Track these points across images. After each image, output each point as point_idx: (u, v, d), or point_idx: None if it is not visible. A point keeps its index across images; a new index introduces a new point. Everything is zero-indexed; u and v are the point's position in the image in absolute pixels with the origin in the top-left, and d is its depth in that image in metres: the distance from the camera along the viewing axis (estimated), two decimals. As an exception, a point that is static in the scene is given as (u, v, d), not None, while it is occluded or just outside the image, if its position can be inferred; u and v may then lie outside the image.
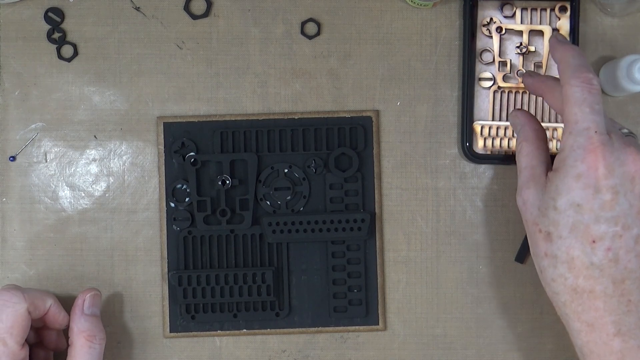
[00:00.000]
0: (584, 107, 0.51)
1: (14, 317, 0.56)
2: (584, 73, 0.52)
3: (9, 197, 0.65)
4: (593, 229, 0.51)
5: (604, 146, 0.51)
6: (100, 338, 0.59)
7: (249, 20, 0.65)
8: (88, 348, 0.58)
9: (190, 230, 0.64)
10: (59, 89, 0.65)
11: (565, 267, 0.52)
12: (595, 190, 0.50)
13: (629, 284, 0.51)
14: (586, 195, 0.50)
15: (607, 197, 0.50)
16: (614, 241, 0.51)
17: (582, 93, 0.51)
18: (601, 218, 0.50)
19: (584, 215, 0.51)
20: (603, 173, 0.50)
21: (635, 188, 0.51)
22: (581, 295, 0.51)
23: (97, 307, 0.61)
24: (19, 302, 0.56)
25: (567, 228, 0.51)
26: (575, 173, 0.51)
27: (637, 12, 0.65)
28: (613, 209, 0.50)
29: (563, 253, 0.51)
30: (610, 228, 0.50)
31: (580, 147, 0.51)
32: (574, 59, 0.53)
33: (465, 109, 0.63)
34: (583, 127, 0.51)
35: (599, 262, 0.51)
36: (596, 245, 0.51)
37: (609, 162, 0.50)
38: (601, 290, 0.51)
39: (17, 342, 0.56)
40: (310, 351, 0.65)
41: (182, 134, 0.64)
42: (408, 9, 0.65)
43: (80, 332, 0.58)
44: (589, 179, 0.51)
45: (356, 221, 0.63)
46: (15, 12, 0.65)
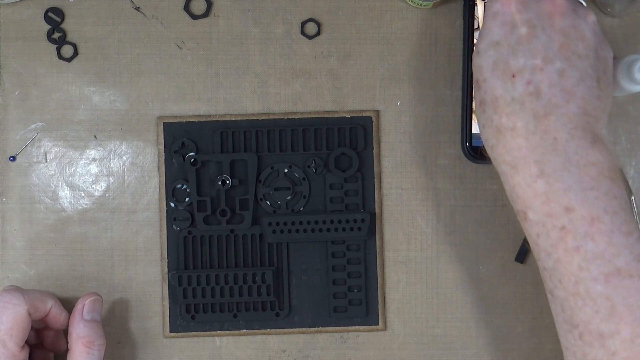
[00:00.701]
0: None
1: (14, 319, 0.56)
2: None
3: (9, 197, 0.65)
4: (512, 63, 0.50)
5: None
6: (99, 344, 0.58)
7: (249, 20, 0.65)
8: (86, 354, 0.58)
9: (190, 230, 0.64)
10: (59, 89, 0.65)
11: (491, 108, 0.51)
12: (511, 26, 0.51)
13: (553, 120, 0.49)
14: (503, 32, 0.51)
15: (523, 31, 0.50)
16: (534, 74, 0.50)
17: None
18: (519, 51, 0.50)
19: (502, 51, 0.51)
20: (517, 7, 0.51)
21: (555, 23, 0.51)
22: (504, 135, 0.50)
23: (98, 312, 0.60)
24: (19, 303, 0.56)
25: (489, 68, 0.51)
26: (492, 13, 0.51)
27: (637, 12, 0.65)
28: (530, 42, 0.50)
29: (488, 95, 0.51)
30: (529, 61, 0.50)
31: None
32: None
33: (465, 109, 0.63)
34: None
35: (519, 96, 0.50)
36: (516, 79, 0.50)
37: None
38: (522, 126, 0.50)
39: (17, 343, 0.56)
40: (310, 351, 0.65)
41: (182, 134, 0.64)
42: (408, 9, 0.65)
43: (79, 337, 0.58)
44: (505, 15, 0.51)
45: (356, 221, 0.63)
46: (15, 12, 0.65)
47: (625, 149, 0.65)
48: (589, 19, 0.52)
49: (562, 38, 0.51)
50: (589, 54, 0.51)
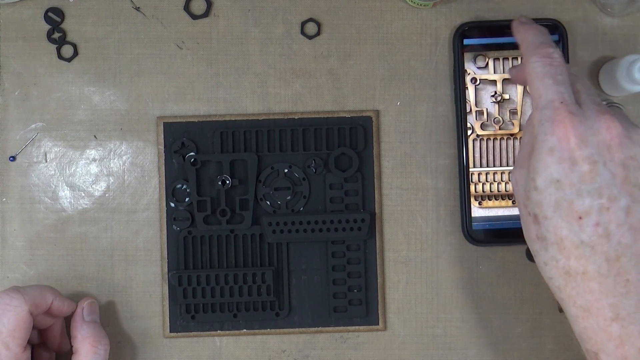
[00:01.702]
0: (546, 80, 0.50)
1: (16, 321, 0.56)
2: (543, 49, 0.51)
3: (9, 197, 0.65)
4: (577, 204, 0.47)
5: (572, 115, 0.48)
6: (104, 343, 0.59)
7: (249, 20, 0.65)
8: (93, 354, 0.58)
9: (190, 230, 0.64)
10: (59, 89, 0.65)
11: (555, 248, 0.49)
12: (571, 162, 0.48)
13: (625, 262, 0.47)
14: (563, 169, 0.48)
15: (585, 168, 0.48)
16: (601, 215, 0.47)
17: (542, 67, 0.50)
18: (583, 191, 0.47)
19: (565, 191, 0.48)
20: (576, 143, 0.48)
21: (614, 157, 0.48)
22: (574, 278, 0.48)
23: (96, 314, 0.61)
24: (20, 305, 0.56)
25: (550, 207, 0.48)
26: (547, 147, 0.48)
27: (637, 12, 0.65)
28: (594, 180, 0.47)
29: (551, 234, 0.48)
30: (595, 201, 0.47)
31: (548, 119, 0.48)
32: (534, 37, 0.52)
33: (464, 194, 0.63)
34: (547, 99, 0.49)
35: (588, 239, 0.47)
36: (583, 221, 0.47)
37: (579, 131, 0.48)
38: (594, 270, 0.48)
39: (20, 344, 0.56)
40: (310, 351, 0.65)
41: (182, 134, 0.64)
42: (408, 9, 0.65)
43: (84, 338, 0.58)
44: (563, 151, 0.48)
45: (356, 221, 0.63)
46: (15, 12, 0.65)
47: (625, 149, 0.65)
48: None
49: (623, 171, 0.48)
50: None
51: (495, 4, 0.65)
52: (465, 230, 0.63)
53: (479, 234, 0.63)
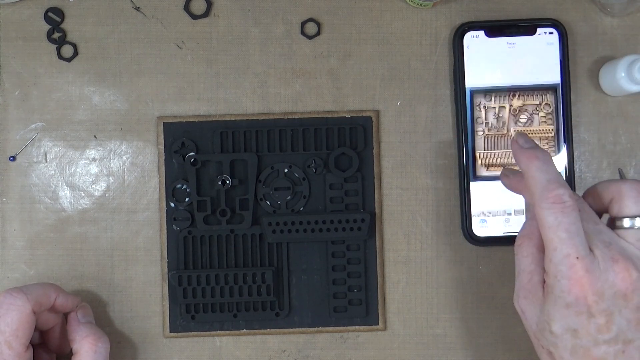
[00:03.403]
0: (560, 232, 0.48)
1: (19, 320, 0.56)
2: (553, 191, 0.49)
3: (9, 197, 0.65)
4: (594, 351, 0.49)
5: (589, 273, 0.48)
6: (104, 341, 0.59)
7: (249, 20, 0.65)
8: (93, 353, 0.58)
9: (190, 230, 0.64)
10: (59, 89, 0.65)
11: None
12: (588, 315, 0.48)
13: None
14: (580, 322, 0.48)
15: (602, 321, 0.48)
16: (617, 358, 0.49)
17: (554, 216, 0.48)
18: (600, 340, 0.48)
19: (582, 340, 0.49)
20: (593, 300, 0.48)
21: (629, 304, 0.49)
22: None
23: (90, 316, 0.61)
24: (23, 304, 0.56)
25: (567, 351, 0.49)
26: (564, 303, 0.49)
27: (637, 12, 0.65)
28: (610, 330, 0.48)
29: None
30: (611, 347, 0.49)
31: (564, 277, 0.48)
32: (540, 173, 0.50)
33: (464, 195, 0.63)
34: (562, 254, 0.48)
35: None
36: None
37: (596, 288, 0.48)
38: None
39: (23, 344, 0.56)
40: (310, 351, 0.65)
41: (182, 134, 0.64)
42: (408, 9, 0.65)
43: (83, 338, 0.58)
44: (580, 307, 0.48)
45: (356, 221, 0.63)
46: (15, 12, 0.65)
47: (625, 149, 0.65)
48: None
49: (636, 315, 0.48)
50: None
51: (495, 4, 0.65)
52: (465, 230, 0.63)
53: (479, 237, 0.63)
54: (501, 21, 0.64)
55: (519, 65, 0.64)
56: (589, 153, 0.65)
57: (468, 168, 0.63)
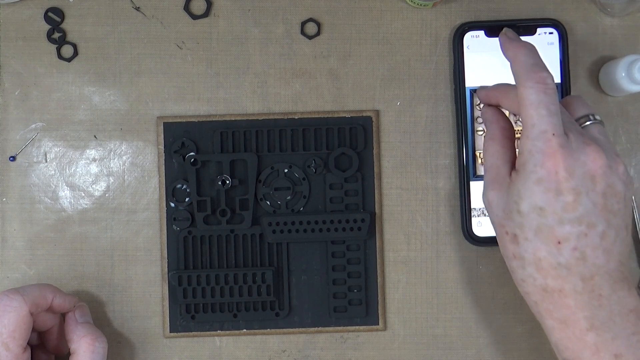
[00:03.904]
0: (540, 110, 0.51)
1: (16, 322, 0.56)
2: (537, 72, 0.51)
3: (9, 197, 0.65)
4: (557, 230, 0.50)
5: (563, 149, 0.50)
6: (102, 341, 0.59)
7: (249, 20, 0.65)
8: (91, 353, 0.58)
9: (190, 230, 0.64)
10: (59, 89, 0.65)
11: (533, 267, 0.51)
12: (556, 193, 0.50)
13: (598, 280, 0.51)
14: (548, 199, 0.50)
15: (570, 199, 0.50)
16: (579, 240, 0.50)
17: (537, 94, 0.51)
18: (565, 219, 0.50)
19: (548, 218, 0.50)
20: (563, 176, 0.50)
21: (597, 187, 0.51)
22: (551, 295, 0.51)
23: (88, 316, 0.61)
24: (20, 305, 0.56)
25: (532, 231, 0.51)
26: (535, 178, 0.50)
27: (637, 12, 0.65)
28: (576, 210, 0.50)
29: (530, 255, 0.51)
30: (575, 228, 0.50)
31: (539, 151, 0.50)
32: (526, 58, 0.52)
33: (464, 196, 0.63)
34: (540, 130, 0.50)
35: (565, 262, 0.50)
36: (562, 245, 0.50)
37: (568, 164, 0.50)
38: (570, 288, 0.51)
39: (20, 345, 0.56)
40: (310, 351, 0.65)
41: (182, 134, 0.64)
42: (408, 9, 0.65)
43: (81, 337, 0.58)
44: (550, 182, 0.50)
45: (356, 221, 0.63)
46: (15, 12, 0.65)
47: (625, 149, 0.65)
48: (620, 170, 0.52)
49: (602, 200, 0.51)
50: (621, 208, 0.52)
51: (495, 4, 0.65)
52: (465, 230, 0.63)
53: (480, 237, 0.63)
54: (501, 21, 0.64)
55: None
56: (589, 153, 0.65)
57: (468, 168, 0.63)
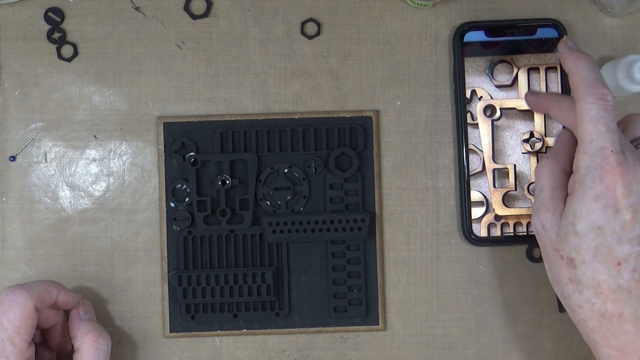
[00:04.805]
0: (600, 126, 0.50)
1: (22, 317, 0.56)
2: (599, 89, 0.51)
3: (9, 197, 0.65)
4: (617, 250, 0.49)
5: (621, 166, 0.50)
6: (105, 338, 0.59)
7: (249, 20, 0.65)
8: (95, 350, 0.58)
9: (190, 230, 0.64)
10: (59, 89, 0.65)
11: (592, 292, 0.50)
12: (614, 210, 0.50)
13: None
14: (606, 217, 0.50)
15: (628, 217, 0.49)
16: (638, 261, 0.50)
17: (597, 111, 0.51)
18: (623, 239, 0.49)
19: (607, 238, 0.50)
20: (622, 192, 0.49)
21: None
22: (610, 320, 0.50)
23: (92, 314, 0.61)
24: (25, 301, 0.56)
25: (590, 252, 0.50)
26: (593, 195, 0.50)
27: (637, 12, 0.65)
28: (635, 229, 0.49)
29: (588, 278, 0.50)
30: (634, 248, 0.49)
31: (597, 167, 0.50)
32: (587, 72, 0.52)
33: (464, 196, 0.63)
34: (599, 146, 0.50)
35: (625, 284, 0.50)
36: (622, 267, 0.49)
37: (626, 181, 0.50)
38: (630, 313, 0.50)
39: (25, 340, 0.56)
40: (310, 351, 0.65)
41: (182, 134, 0.64)
42: (408, 9, 0.65)
43: (84, 335, 0.59)
44: (608, 199, 0.50)
45: (356, 221, 0.63)
46: (15, 12, 0.65)
47: (625, 149, 0.65)
48: None
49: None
50: None
51: (495, 4, 0.65)
52: (465, 230, 0.63)
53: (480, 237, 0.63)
54: (501, 21, 0.64)
55: (519, 65, 0.64)
56: (589, 153, 0.65)
57: (468, 168, 0.63)
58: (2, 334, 0.56)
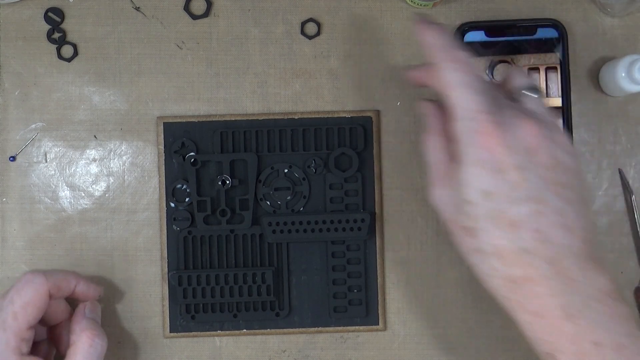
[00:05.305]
0: (464, 89, 0.48)
1: (33, 295, 0.57)
2: (453, 52, 0.49)
3: (9, 197, 0.65)
4: (511, 212, 0.47)
5: (496, 125, 0.47)
6: (102, 339, 0.59)
7: (249, 20, 0.65)
8: (89, 347, 0.58)
9: (190, 230, 0.64)
10: (59, 89, 0.65)
11: (495, 259, 0.48)
12: (499, 171, 0.47)
13: (565, 262, 0.47)
14: (493, 180, 0.47)
15: (515, 176, 0.47)
16: (537, 220, 0.47)
17: (456, 73, 0.49)
18: (515, 199, 0.47)
19: (498, 201, 0.47)
20: (503, 153, 0.47)
21: (540, 159, 0.48)
22: (520, 285, 0.48)
23: (97, 314, 0.61)
24: (41, 283, 0.57)
25: (485, 219, 0.48)
26: (475, 160, 0.48)
27: (637, 12, 0.65)
28: (524, 187, 0.47)
29: (489, 245, 0.48)
30: (527, 207, 0.47)
31: (472, 131, 0.48)
32: (439, 39, 0.50)
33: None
34: (469, 110, 0.48)
35: (527, 245, 0.47)
36: (520, 229, 0.47)
37: (505, 140, 0.47)
38: (539, 274, 0.47)
39: (28, 320, 0.57)
40: (310, 351, 0.65)
41: (182, 134, 0.64)
42: (408, 9, 0.65)
43: (82, 330, 0.59)
44: (491, 162, 0.47)
45: (356, 221, 0.63)
46: (15, 12, 0.65)
47: (625, 149, 0.65)
48: (562, 142, 0.49)
49: (550, 173, 0.48)
50: (573, 181, 0.49)
51: (495, 4, 0.65)
52: None
53: None
54: (501, 21, 0.64)
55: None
56: (589, 153, 0.65)
57: None
58: (8, 306, 0.57)
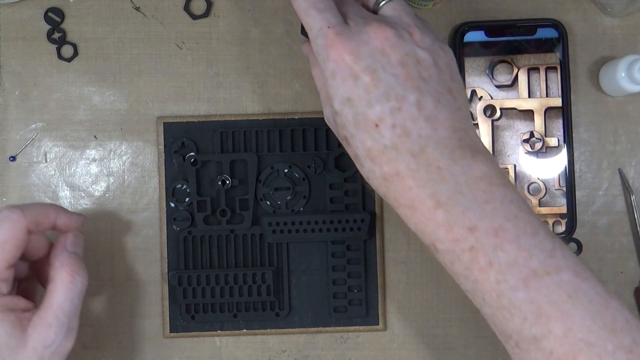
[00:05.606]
0: (310, 11, 0.51)
1: (10, 233, 0.54)
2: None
3: (9, 197, 0.65)
4: (370, 113, 0.49)
5: (340, 35, 0.50)
6: (82, 276, 0.56)
7: (249, 20, 0.65)
8: (69, 283, 0.55)
9: (190, 230, 0.64)
10: (59, 89, 0.65)
11: (368, 161, 0.50)
12: (353, 78, 0.49)
13: (430, 151, 0.49)
14: (349, 87, 0.50)
15: (367, 79, 0.49)
16: (394, 116, 0.49)
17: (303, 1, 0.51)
18: (372, 100, 0.49)
19: (358, 106, 0.50)
20: (351, 59, 0.49)
21: (392, 59, 0.50)
22: (391, 181, 0.50)
23: (80, 247, 0.58)
24: (18, 219, 0.54)
25: (352, 125, 0.50)
26: (329, 73, 0.50)
27: (637, 12, 0.65)
28: (378, 87, 0.49)
29: (360, 149, 0.50)
30: (385, 105, 0.49)
31: (321, 47, 0.50)
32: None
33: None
34: (316, 28, 0.50)
35: (390, 142, 0.49)
36: (380, 127, 0.49)
37: (350, 47, 0.49)
38: (405, 167, 0.49)
39: (6, 259, 0.54)
40: (310, 351, 0.65)
41: (182, 134, 0.64)
42: (408, 9, 0.65)
43: (62, 266, 0.55)
44: (342, 71, 0.50)
45: (356, 221, 0.63)
46: (15, 12, 0.65)
47: (625, 149, 0.65)
48: (417, 38, 0.51)
49: (403, 69, 0.50)
50: (431, 73, 0.50)
51: (495, 4, 0.65)
52: None
53: None
54: (501, 21, 0.64)
55: (519, 65, 0.64)
56: (589, 153, 0.65)
57: None
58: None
